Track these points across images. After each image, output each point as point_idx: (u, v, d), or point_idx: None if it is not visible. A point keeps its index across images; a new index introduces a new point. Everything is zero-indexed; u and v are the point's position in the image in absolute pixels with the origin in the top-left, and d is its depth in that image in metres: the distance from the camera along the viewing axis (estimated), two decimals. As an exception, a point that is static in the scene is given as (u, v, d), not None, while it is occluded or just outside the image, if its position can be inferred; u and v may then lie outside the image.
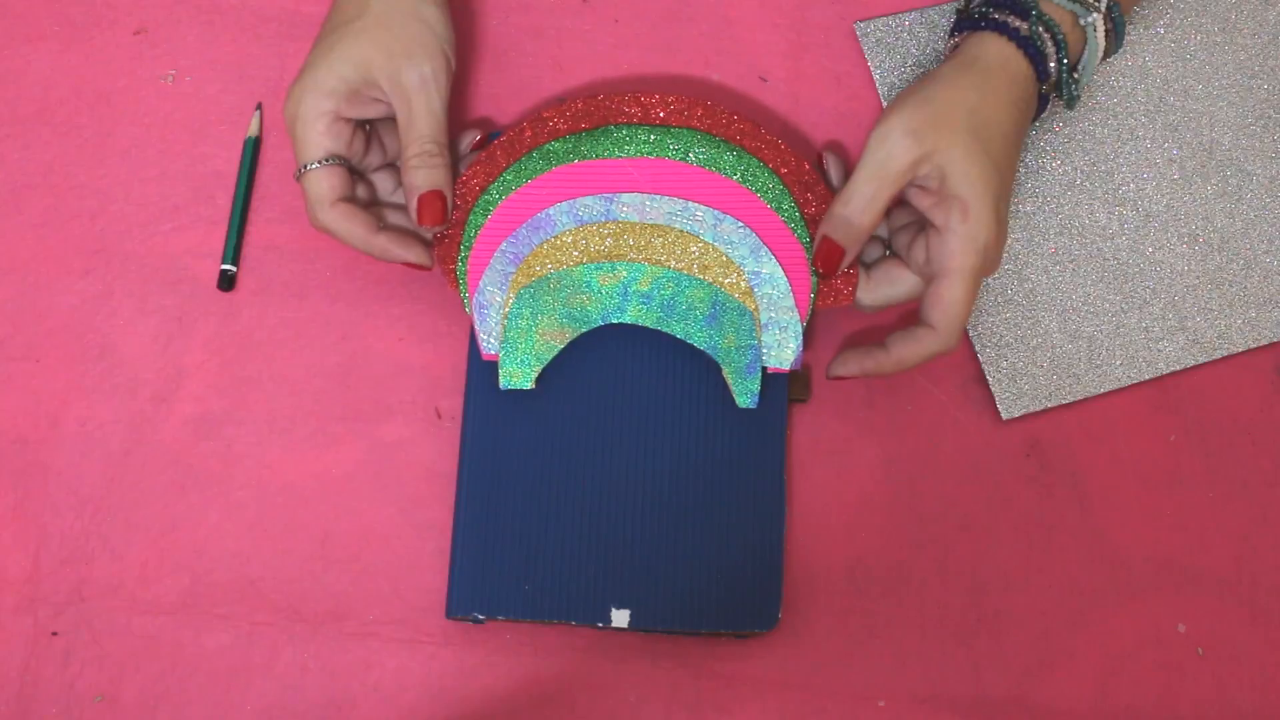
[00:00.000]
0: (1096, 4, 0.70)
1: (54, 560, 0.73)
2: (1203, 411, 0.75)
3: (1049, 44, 0.70)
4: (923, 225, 0.70)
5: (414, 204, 0.71)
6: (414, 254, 0.72)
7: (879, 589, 0.73)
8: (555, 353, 0.72)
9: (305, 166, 0.70)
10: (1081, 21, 0.70)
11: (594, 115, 0.74)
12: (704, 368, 0.73)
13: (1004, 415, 0.75)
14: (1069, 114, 0.78)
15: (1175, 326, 0.76)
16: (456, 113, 0.79)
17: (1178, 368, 0.75)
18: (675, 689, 0.72)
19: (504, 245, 0.72)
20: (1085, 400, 0.75)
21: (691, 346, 0.73)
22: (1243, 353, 0.76)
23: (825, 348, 0.75)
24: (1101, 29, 0.71)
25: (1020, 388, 0.75)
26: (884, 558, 0.73)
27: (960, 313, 0.68)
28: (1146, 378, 0.75)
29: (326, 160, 0.70)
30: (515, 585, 0.71)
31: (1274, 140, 0.78)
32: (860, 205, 0.68)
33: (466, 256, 0.72)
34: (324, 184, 0.70)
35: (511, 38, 0.80)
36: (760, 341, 0.72)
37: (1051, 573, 0.73)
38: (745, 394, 0.72)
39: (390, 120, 0.73)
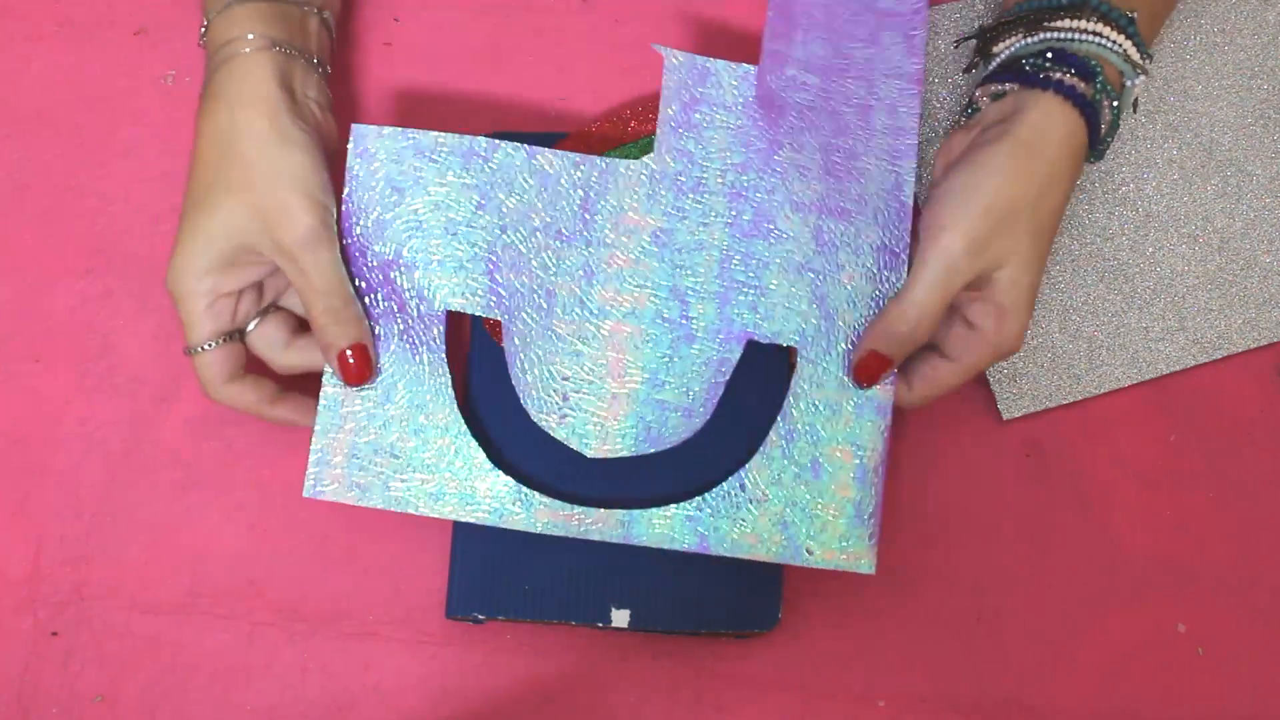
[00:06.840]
0: (1143, 65, 0.67)
1: (54, 560, 0.73)
2: (1203, 411, 0.75)
3: (1106, 111, 0.67)
4: (953, 311, 0.68)
5: (335, 362, 0.67)
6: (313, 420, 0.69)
7: (879, 589, 0.73)
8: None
9: (193, 349, 0.67)
10: (1127, 82, 0.68)
11: (587, 145, 0.74)
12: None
13: (1004, 415, 0.75)
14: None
15: (1175, 326, 0.76)
16: (458, 114, 0.79)
17: (1178, 368, 0.75)
18: (675, 689, 0.72)
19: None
20: (1085, 400, 0.75)
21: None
22: (1242, 353, 0.76)
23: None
24: (1135, 93, 0.68)
25: (1020, 388, 0.75)
26: (884, 558, 0.73)
27: (941, 393, 0.68)
28: (1146, 378, 0.75)
29: (213, 343, 0.67)
30: (515, 585, 0.70)
31: (1274, 140, 0.78)
32: (919, 318, 0.65)
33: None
34: (214, 367, 0.67)
35: (511, 38, 0.80)
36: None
37: (1051, 573, 0.73)
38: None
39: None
